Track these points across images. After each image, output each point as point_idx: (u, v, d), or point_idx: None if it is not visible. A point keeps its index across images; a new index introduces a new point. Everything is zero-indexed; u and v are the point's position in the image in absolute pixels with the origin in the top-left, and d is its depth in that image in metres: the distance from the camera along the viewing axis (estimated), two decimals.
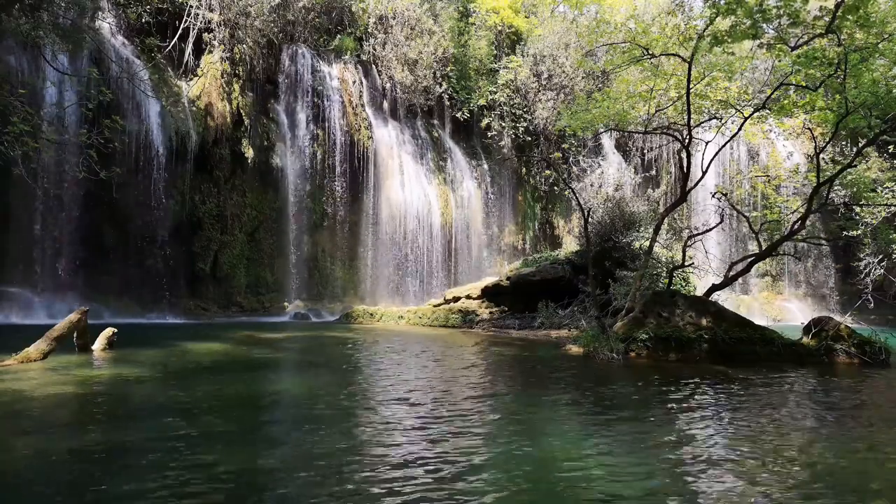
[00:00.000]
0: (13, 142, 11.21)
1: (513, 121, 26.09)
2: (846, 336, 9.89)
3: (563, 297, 16.45)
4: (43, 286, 16.43)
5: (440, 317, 17.48)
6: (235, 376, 7.64)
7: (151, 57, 18.60)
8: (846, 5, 9.48)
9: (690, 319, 10.28)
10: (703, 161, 12.83)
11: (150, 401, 5.97)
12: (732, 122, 13.64)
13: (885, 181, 17.17)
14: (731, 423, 5.42)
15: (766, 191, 23.85)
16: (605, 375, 8.37)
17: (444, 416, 5.44)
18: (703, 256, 15.07)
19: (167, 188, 18.37)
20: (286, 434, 4.90)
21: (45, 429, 4.84)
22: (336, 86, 22.60)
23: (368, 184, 22.90)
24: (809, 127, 14.91)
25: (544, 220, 27.82)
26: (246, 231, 20.85)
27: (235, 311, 19.83)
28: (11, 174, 12.26)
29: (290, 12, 22.16)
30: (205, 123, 19.42)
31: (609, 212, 17.99)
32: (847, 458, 4.38)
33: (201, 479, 3.63)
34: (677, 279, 15.67)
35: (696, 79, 11.70)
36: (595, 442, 4.65)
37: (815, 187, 11.75)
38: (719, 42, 10.16)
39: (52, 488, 3.53)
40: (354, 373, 8.41)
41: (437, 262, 23.75)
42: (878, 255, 20.74)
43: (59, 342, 8.34)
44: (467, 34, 26.28)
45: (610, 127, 15.84)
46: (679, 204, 14.01)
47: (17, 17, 13.06)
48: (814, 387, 7.70)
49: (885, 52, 10.33)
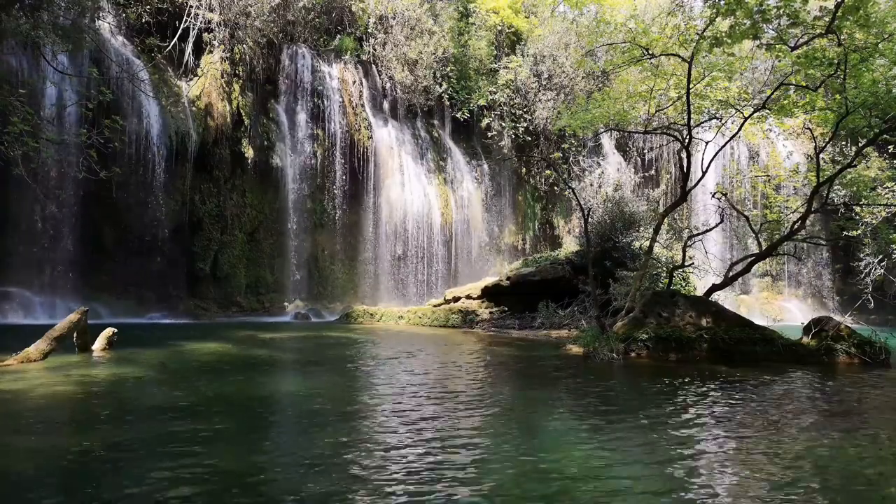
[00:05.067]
0: (13, 142, 11.19)
1: (513, 121, 26.09)
2: (846, 336, 9.88)
3: (563, 297, 16.45)
4: (43, 286, 16.43)
5: (440, 317, 17.48)
6: (235, 376, 7.64)
7: (151, 57, 18.59)
8: (846, 5, 9.48)
9: (690, 319, 10.28)
10: (703, 161, 12.83)
11: (150, 401, 5.97)
12: (732, 122, 13.65)
13: (884, 181, 17.16)
14: (730, 424, 5.42)
15: (766, 191, 23.85)
16: (605, 375, 8.37)
17: (444, 416, 5.44)
18: (703, 256, 15.08)
19: (167, 188, 18.37)
20: (286, 434, 4.90)
21: (45, 429, 4.85)
22: (336, 86, 22.60)
23: (368, 184, 22.90)
24: (809, 127, 14.90)
25: (544, 220, 27.81)
26: (246, 231, 20.85)
27: (235, 311, 19.82)
28: (11, 174, 12.23)
29: (290, 12, 22.16)
30: (205, 123, 19.42)
31: (609, 212, 18.00)
32: (848, 458, 4.38)
33: (201, 479, 3.63)
34: (677, 279, 15.68)
35: (696, 79, 11.70)
36: (595, 442, 4.65)
37: (815, 187, 11.75)
38: (719, 43, 10.16)
39: (51, 488, 3.53)
40: (354, 372, 8.41)
41: (437, 262, 23.76)
42: (878, 255, 20.72)
43: (59, 342, 8.33)
44: (467, 34, 26.27)
45: (610, 127, 15.86)
46: (679, 204, 14.01)
47: (17, 17, 13.05)
48: (814, 387, 7.70)
49: (885, 52, 10.33)
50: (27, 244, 16.34)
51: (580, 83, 25.99)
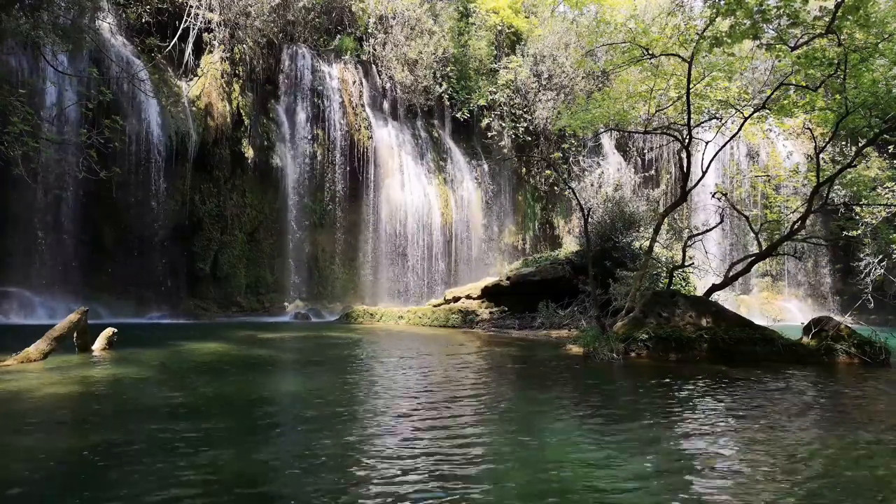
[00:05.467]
0: (13, 142, 11.20)
1: (513, 121, 26.09)
2: (846, 336, 9.88)
3: (563, 297, 16.46)
4: (43, 286, 16.43)
5: (440, 317, 17.48)
6: (235, 376, 7.64)
7: (151, 57, 18.59)
8: (846, 5, 9.48)
9: (690, 319, 10.28)
10: (703, 161, 12.83)
11: (150, 401, 5.96)
12: (732, 122, 13.65)
13: (885, 181, 17.15)
14: (730, 423, 5.42)
15: (766, 191, 23.84)
16: (605, 375, 8.37)
17: (443, 416, 5.44)
18: (703, 256, 15.08)
19: (167, 188, 18.37)
20: (286, 433, 4.90)
21: (45, 429, 4.84)
22: (336, 86, 22.61)
23: (368, 184, 22.90)
24: (809, 127, 14.90)
25: (544, 220, 27.82)
26: (246, 231, 20.85)
27: (235, 311, 19.83)
28: (11, 174, 12.23)
29: (290, 12, 22.17)
30: (205, 123, 19.42)
31: (609, 212, 18.00)
32: (848, 458, 4.38)
33: (201, 479, 3.63)
34: (677, 279, 15.68)
35: (695, 79, 11.70)
36: (595, 442, 4.65)
37: (815, 187, 11.75)
38: (719, 43, 10.16)
39: (51, 488, 3.53)
40: (354, 373, 8.40)
41: (437, 262, 23.76)
42: (878, 255, 20.72)
43: (59, 342, 8.34)
44: (467, 34, 26.28)
45: (610, 127, 15.86)
46: (679, 204, 14.00)
47: (17, 17, 13.05)
48: (814, 387, 7.70)
49: (885, 52, 10.33)
50: (27, 244, 16.35)
51: (580, 83, 25.99)
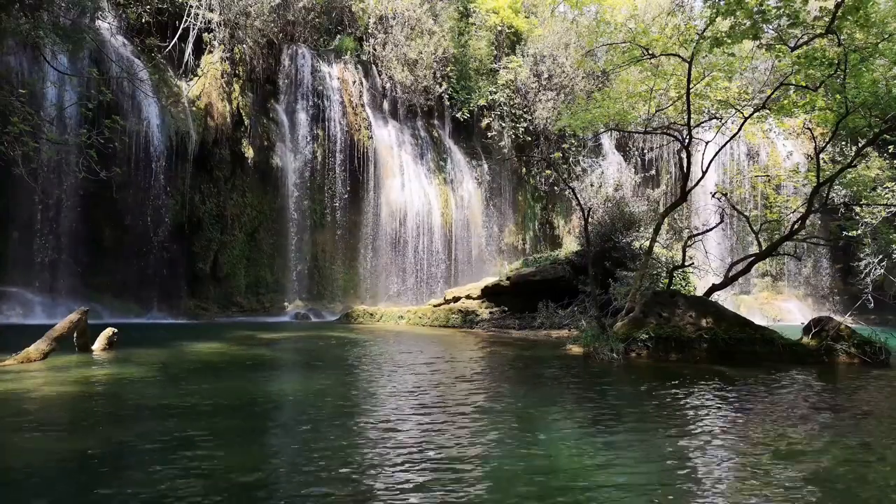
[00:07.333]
0: (13, 142, 11.18)
1: (513, 121, 26.10)
2: (846, 336, 9.88)
3: (563, 297, 16.45)
4: (43, 286, 16.43)
5: (440, 317, 17.48)
6: (235, 376, 7.64)
7: (151, 57, 18.59)
8: (846, 5, 9.49)
9: (690, 319, 10.28)
10: (703, 161, 12.83)
11: (150, 401, 5.96)
12: (732, 122, 13.65)
13: (885, 181, 17.17)
14: (730, 424, 5.42)
15: (766, 190, 23.86)
16: (605, 375, 8.37)
17: (443, 416, 5.44)
18: (703, 256, 15.08)
19: (167, 188, 18.37)
20: (286, 434, 4.90)
21: (46, 429, 4.84)
22: (336, 86, 22.61)
23: (368, 184, 22.90)
24: (809, 127, 14.92)
25: (544, 220, 27.82)
26: (246, 231, 20.85)
27: (235, 312, 19.83)
28: (11, 174, 12.23)
29: (290, 12, 22.17)
30: (205, 123, 19.42)
31: (609, 212, 18.01)
32: (848, 458, 4.38)
33: (201, 479, 3.63)
34: (677, 279, 15.68)
35: (696, 79, 11.70)
36: (595, 441, 4.65)
37: (815, 187, 11.75)
38: (719, 43, 10.17)
39: (51, 488, 3.53)
40: (354, 373, 8.40)
41: (437, 262, 23.76)
42: (878, 255, 20.73)
43: (59, 342, 8.34)
44: (467, 34, 26.28)
45: (610, 127, 15.87)
46: (679, 204, 14.01)
47: (17, 17, 13.05)
48: (814, 387, 7.70)
49: (885, 52, 10.34)
50: (27, 244, 16.35)
51: (580, 83, 25.99)
